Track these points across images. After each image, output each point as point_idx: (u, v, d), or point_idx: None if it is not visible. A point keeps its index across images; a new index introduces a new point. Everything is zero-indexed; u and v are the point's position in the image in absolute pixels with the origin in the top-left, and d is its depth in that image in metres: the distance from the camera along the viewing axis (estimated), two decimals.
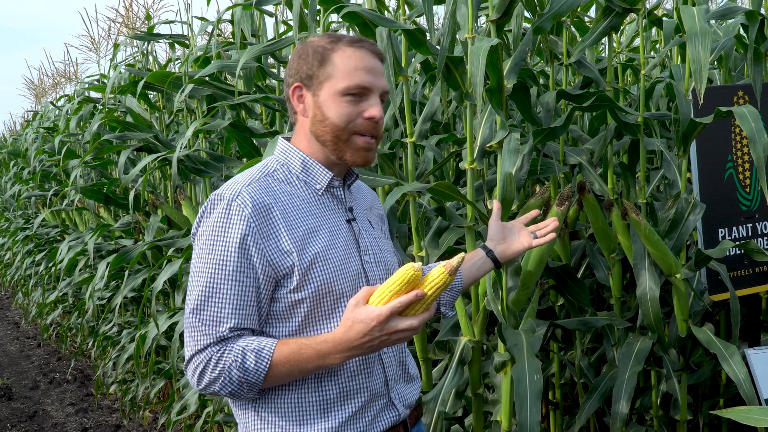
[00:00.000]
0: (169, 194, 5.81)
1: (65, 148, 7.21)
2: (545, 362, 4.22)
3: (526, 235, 2.65)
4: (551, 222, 2.69)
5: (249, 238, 2.02)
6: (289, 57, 2.23)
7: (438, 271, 1.92)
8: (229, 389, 2.03)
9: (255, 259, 2.02)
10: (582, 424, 3.64)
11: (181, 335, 4.68)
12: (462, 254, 1.95)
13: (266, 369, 2.00)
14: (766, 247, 3.59)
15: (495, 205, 2.72)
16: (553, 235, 2.66)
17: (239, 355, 2.00)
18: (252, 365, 1.99)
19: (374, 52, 2.17)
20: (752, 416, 1.79)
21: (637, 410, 3.85)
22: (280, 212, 2.06)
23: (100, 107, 6.73)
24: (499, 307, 3.10)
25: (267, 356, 1.99)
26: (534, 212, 2.77)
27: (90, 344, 7.65)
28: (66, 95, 9.12)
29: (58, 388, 7.91)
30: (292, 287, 2.05)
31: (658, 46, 5.65)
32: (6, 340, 10.60)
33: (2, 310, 13.04)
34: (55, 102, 9.74)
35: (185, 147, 4.44)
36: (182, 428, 5.63)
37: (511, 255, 2.65)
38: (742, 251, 3.49)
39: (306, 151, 2.18)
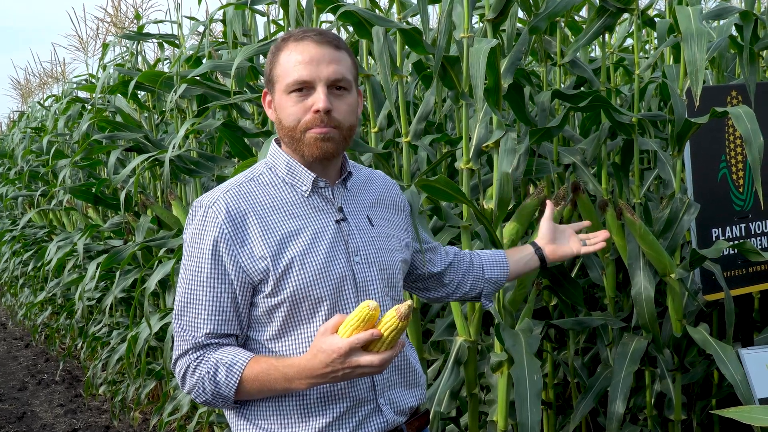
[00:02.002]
0: (159, 194, 5.78)
1: (54, 148, 7.17)
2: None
3: (576, 242, 2.68)
4: (602, 233, 2.73)
5: (222, 244, 2.03)
6: None
7: (390, 315, 1.90)
8: (203, 398, 2.07)
9: (228, 266, 2.04)
10: (576, 424, 3.64)
11: (173, 336, 4.67)
12: (410, 302, 1.91)
13: (236, 385, 2.02)
14: (760, 247, 3.60)
15: (548, 206, 2.73)
16: (603, 244, 2.70)
17: (212, 368, 2.03)
18: (223, 379, 2.02)
19: (320, 41, 2.09)
20: (754, 416, 1.79)
21: (631, 410, 3.85)
22: (256, 218, 2.06)
23: (88, 107, 6.70)
24: (496, 307, 3.10)
25: (237, 372, 2.01)
26: (586, 222, 2.83)
27: (79, 345, 7.61)
28: (53, 95, 9.07)
29: (47, 389, 7.86)
30: (267, 292, 2.05)
31: (648, 46, 5.67)
32: None
33: None
34: (42, 102, 9.68)
35: (176, 147, 4.42)
36: (173, 429, 5.61)
37: (558, 258, 2.67)
38: (736, 251, 3.49)
39: (290, 154, 2.16)
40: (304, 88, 2.06)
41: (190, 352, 2.06)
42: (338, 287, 2.09)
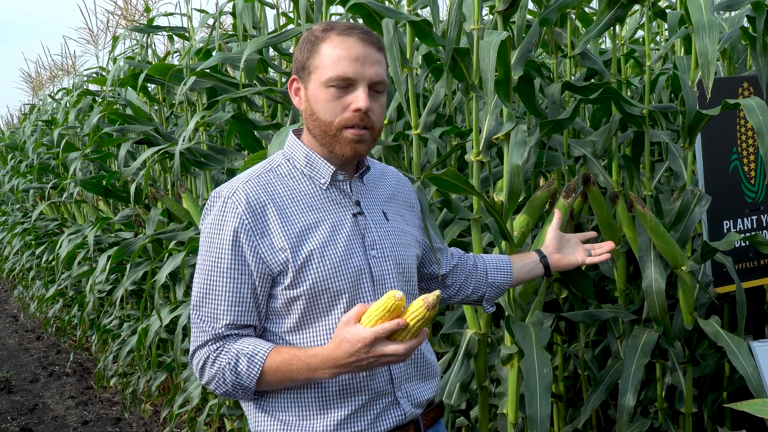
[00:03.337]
0: (169, 187, 5.79)
1: (64, 140, 7.19)
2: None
3: (581, 251, 2.68)
4: (607, 245, 2.72)
5: (242, 235, 2.03)
6: None
7: (417, 305, 1.90)
8: (223, 389, 2.06)
9: (248, 257, 2.03)
10: (586, 417, 3.64)
11: (184, 328, 4.69)
12: (438, 291, 1.91)
13: (257, 375, 2.01)
14: None
15: (556, 215, 2.73)
16: (608, 255, 2.70)
17: (233, 359, 2.02)
18: (244, 370, 2.02)
19: (366, 40, 2.09)
20: (767, 409, 1.79)
21: (642, 403, 3.84)
22: (276, 209, 2.05)
23: (99, 100, 6.71)
24: (506, 300, 3.09)
25: (259, 363, 2.01)
26: (592, 233, 2.81)
27: (91, 337, 7.64)
28: (64, 88, 9.08)
29: (58, 381, 7.89)
30: (286, 284, 2.05)
31: (659, 38, 5.64)
32: (5, 333, 10.58)
33: (0, 303, 13.01)
34: (53, 95, 9.70)
35: (186, 140, 4.42)
36: (184, 421, 5.63)
37: (563, 267, 2.67)
38: (747, 243, 3.48)
39: (309, 146, 2.16)
40: (345, 84, 2.06)
41: (209, 343, 2.06)
42: (356, 280, 2.10)
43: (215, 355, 2.05)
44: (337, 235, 2.09)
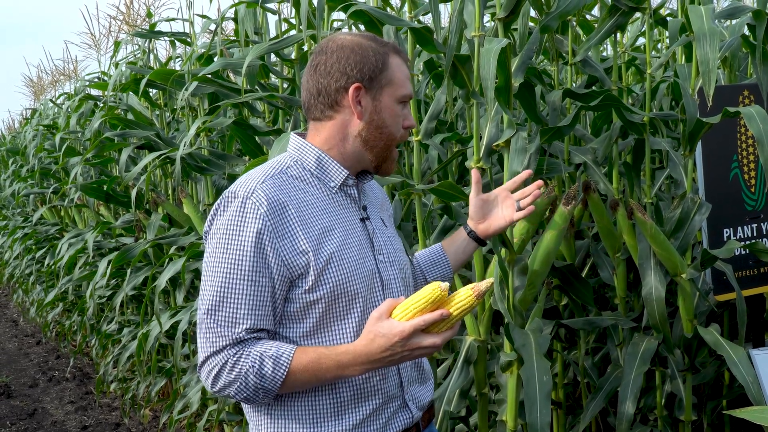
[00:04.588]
0: (170, 192, 5.80)
1: (65, 145, 7.20)
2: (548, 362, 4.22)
3: (509, 206, 2.50)
4: (533, 186, 2.50)
5: (265, 237, 1.97)
6: (330, 52, 2.10)
7: (465, 294, 1.89)
8: (245, 394, 1.99)
9: (270, 259, 1.98)
10: (586, 425, 3.63)
11: (184, 333, 4.68)
12: (491, 279, 1.92)
13: (284, 376, 1.96)
14: None
15: (474, 176, 2.53)
16: (532, 208, 2.48)
17: (257, 361, 1.96)
18: (269, 372, 1.96)
19: (407, 61, 2.18)
20: (766, 416, 1.79)
21: (641, 410, 3.84)
22: (295, 210, 2.01)
23: (100, 105, 6.73)
24: (506, 306, 3.09)
25: (285, 364, 1.96)
26: (525, 174, 2.57)
27: (91, 342, 7.64)
28: (66, 93, 9.10)
29: (58, 386, 7.89)
30: (306, 287, 2.01)
31: (660, 45, 5.65)
32: (4, 337, 10.58)
33: (0, 308, 13.01)
34: (54, 99, 9.71)
35: (187, 145, 4.43)
36: (183, 426, 5.63)
37: (493, 233, 2.53)
38: (747, 251, 3.48)
39: (323, 149, 2.13)
40: (406, 103, 2.13)
41: (227, 348, 1.98)
42: (370, 283, 2.09)
43: (234, 359, 1.97)
44: (350, 239, 2.08)
